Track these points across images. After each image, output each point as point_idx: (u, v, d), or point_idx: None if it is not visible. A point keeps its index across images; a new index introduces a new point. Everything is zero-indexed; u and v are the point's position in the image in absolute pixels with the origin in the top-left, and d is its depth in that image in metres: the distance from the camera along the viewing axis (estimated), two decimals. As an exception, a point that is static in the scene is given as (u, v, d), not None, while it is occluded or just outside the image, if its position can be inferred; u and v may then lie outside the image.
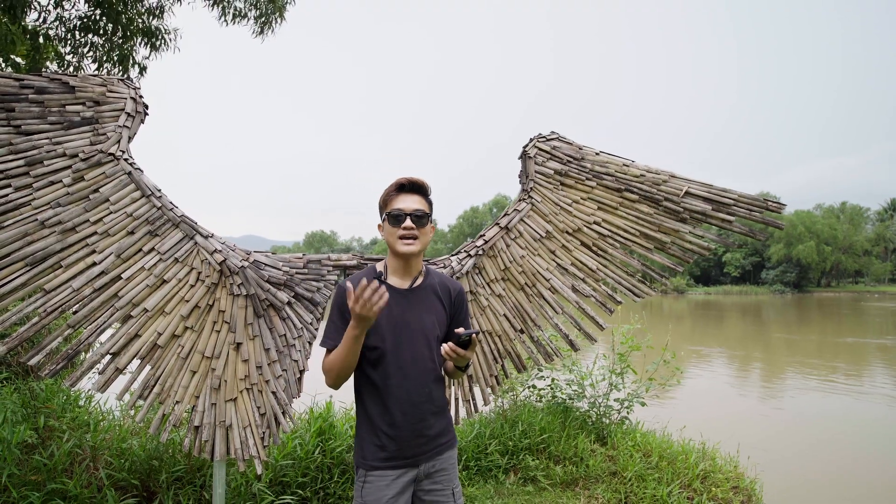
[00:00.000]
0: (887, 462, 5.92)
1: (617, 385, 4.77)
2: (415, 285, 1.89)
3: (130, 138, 2.51)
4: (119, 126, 2.47)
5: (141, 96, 2.57)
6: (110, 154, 2.43)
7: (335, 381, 1.82)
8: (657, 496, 3.50)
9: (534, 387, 4.92)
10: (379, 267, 1.93)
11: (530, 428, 4.26)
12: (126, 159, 2.46)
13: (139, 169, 2.49)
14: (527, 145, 3.19)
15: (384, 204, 1.87)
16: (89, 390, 3.58)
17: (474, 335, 1.70)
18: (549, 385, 4.92)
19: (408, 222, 1.80)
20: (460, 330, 1.71)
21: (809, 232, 64.92)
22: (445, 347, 1.72)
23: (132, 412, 3.16)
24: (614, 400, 4.72)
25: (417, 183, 1.86)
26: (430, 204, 1.89)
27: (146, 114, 2.59)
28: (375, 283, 1.57)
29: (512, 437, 4.18)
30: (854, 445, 6.52)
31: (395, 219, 1.81)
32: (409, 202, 1.83)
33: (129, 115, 2.49)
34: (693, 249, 3.24)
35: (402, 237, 1.81)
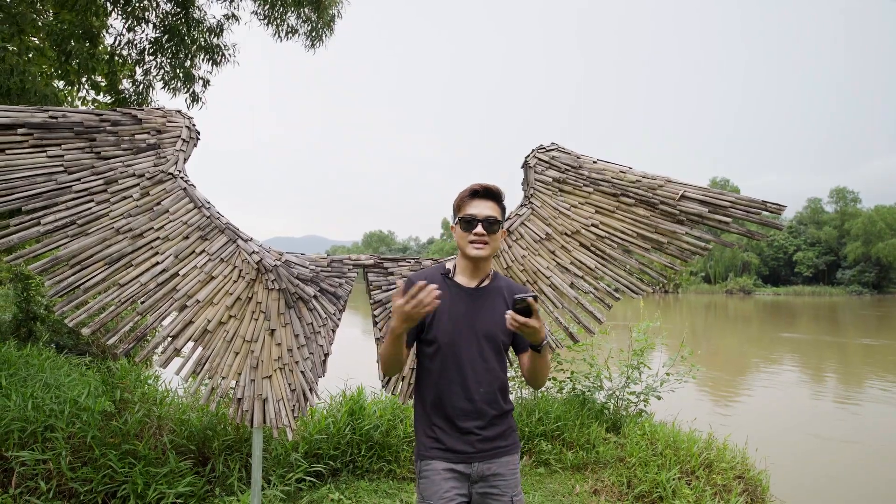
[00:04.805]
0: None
1: (634, 379, 4.99)
2: (482, 285, 1.91)
3: (186, 159, 3.03)
4: (176, 150, 2.99)
5: (194, 125, 3.09)
6: (170, 173, 2.96)
7: (385, 371, 1.85)
8: (658, 480, 3.74)
9: (554, 379, 5.21)
10: (449, 265, 1.97)
11: (546, 416, 4.57)
12: (182, 177, 2.98)
13: (192, 185, 3.00)
14: (528, 156, 3.50)
15: (458, 208, 1.90)
16: (155, 370, 4.19)
17: (530, 298, 1.58)
18: (568, 377, 5.19)
19: (479, 228, 1.82)
20: (520, 295, 1.61)
21: (891, 228, 60.66)
22: (508, 317, 1.62)
23: (192, 390, 3.71)
24: (629, 393, 4.95)
25: (491, 189, 1.89)
26: (502, 210, 1.92)
27: (198, 139, 3.10)
28: (432, 285, 1.59)
29: (528, 423, 4.50)
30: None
31: (467, 224, 1.84)
32: (481, 208, 1.85)
33: (184, 140, 3.02)
34: (690, 249, 3.46)
35: (472, 242, 1.84)
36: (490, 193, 1.88)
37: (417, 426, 1.90)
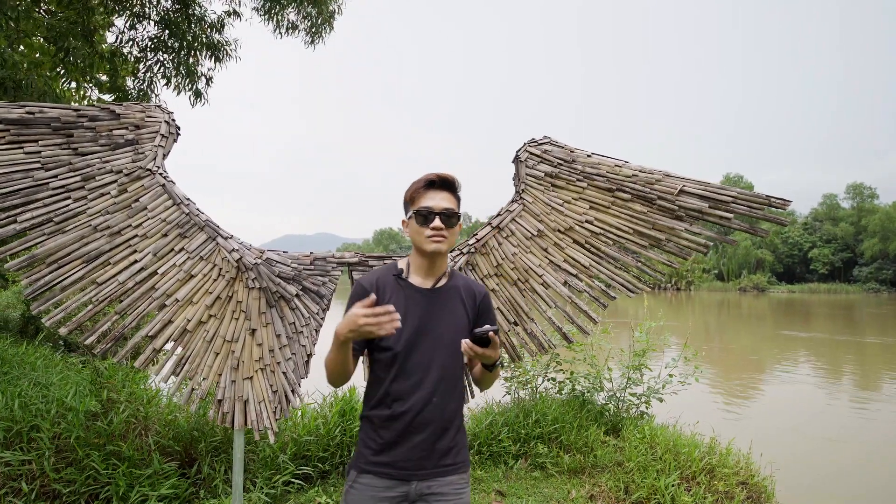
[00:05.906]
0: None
1: (635, 380, 4.86)
2: (438, 286, 1.78)
3: (165, 155, 2.96)
4: (155, 146, 2.92)
5: (174, 120, 3.01)
6: (148, 169, 2.89)
7: (331, 381, 1.72)
8: (656, 486, 3.61)
9: (553, 379, 5.10)
10: (401, 264, 1.82)
11: (543, 418, 4.46)
12: (161, 173, 2.91)
13: (172, 181, 2.93)
14: (519, 150, 3.39)
15: (411, 200, 1.76)
16: (140, 368, 4.13)
17: (491, 333, 1.54)
18: (567, 378, 5.07)
19: (437, 222, 1.69)
20: (481, 329, 1.56)
21: (909, 225, 59.54)
22: (464, 344, 1.56)
23: (179, 391, 3.65)
24: (629, 395, 4.82)
25: (448, 179, 1.75)
26: (458, 201, 1.79)
27: (178, 134, 3.03)
28: (393, 311, 1.49)
29: (525, 425, 4.39)
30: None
31: (423, 217, 1.70)
32: (438, 200, 1.72)
33: (163, 136, 2.94)
34: (689, 246, 3.32)
35: (430, 237, 1.71)
36: (446, 184, 1.75)
37: (362, 437, 1.75)
